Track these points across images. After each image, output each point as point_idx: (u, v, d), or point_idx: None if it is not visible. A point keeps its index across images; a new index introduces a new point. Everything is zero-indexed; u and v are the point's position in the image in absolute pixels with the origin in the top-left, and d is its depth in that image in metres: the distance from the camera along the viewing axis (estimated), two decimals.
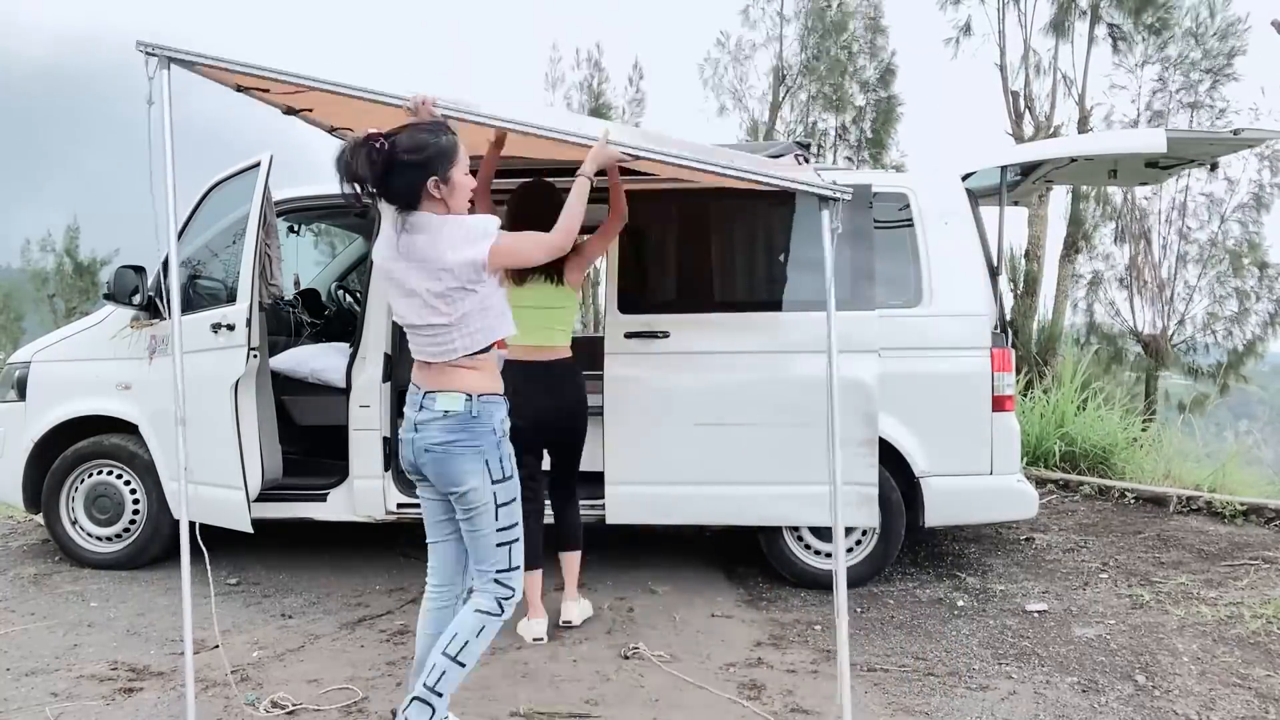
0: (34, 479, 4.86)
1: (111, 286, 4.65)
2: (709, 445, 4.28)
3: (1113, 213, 11.58)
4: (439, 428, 2.64)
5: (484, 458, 2.67)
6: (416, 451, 2.69)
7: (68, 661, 3.66)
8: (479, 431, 2.66)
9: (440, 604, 2.88)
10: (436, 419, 2.65)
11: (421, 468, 2.71)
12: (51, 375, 4.87)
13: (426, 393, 2.68)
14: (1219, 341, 11.34)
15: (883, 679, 3.48)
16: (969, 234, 4.47)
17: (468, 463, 2.65)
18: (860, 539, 4.52)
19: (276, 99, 3.54)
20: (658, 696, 3.32)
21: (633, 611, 4.24)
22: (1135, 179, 5.44)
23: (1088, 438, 7.16)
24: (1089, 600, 4.37)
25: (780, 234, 4.60)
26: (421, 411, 2.68)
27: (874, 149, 13.40)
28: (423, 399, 2.68)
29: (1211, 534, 5.46)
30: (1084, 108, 11.71)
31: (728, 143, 4.91)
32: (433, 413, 2.65)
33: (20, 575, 4.80)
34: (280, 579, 4.70)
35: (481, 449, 2.66)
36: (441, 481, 2.69)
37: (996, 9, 12.00)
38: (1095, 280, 11.90)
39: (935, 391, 4.35)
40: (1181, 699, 3.29)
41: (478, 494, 2.66)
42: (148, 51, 2.88)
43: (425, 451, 2.66)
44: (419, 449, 2.68)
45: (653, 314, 4.39)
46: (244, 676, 3.48)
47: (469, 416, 2.64)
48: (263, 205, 4.26)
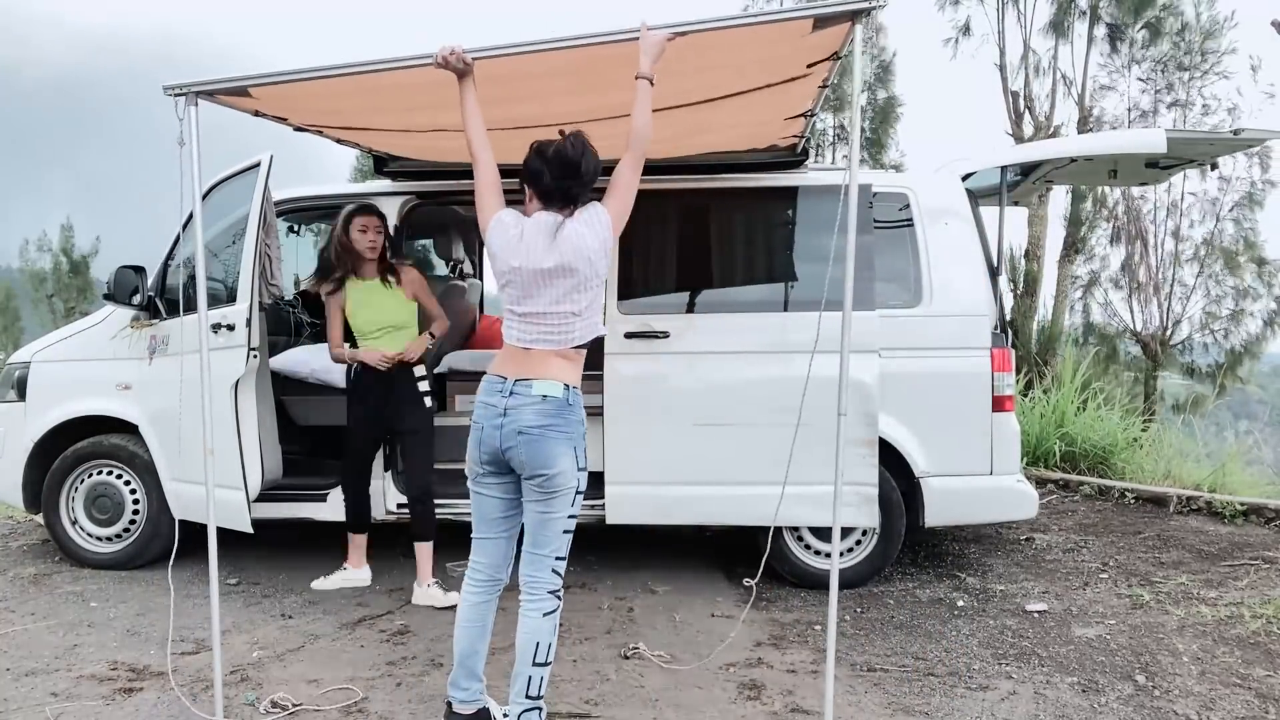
0: (34, 479, 4.86)
1: (111, 287, 4.66)
2: (709, 445, 4.28)
3: (1109, 214, 11.59)
4: (535, 412, 2.74)
5: (574, 444, 2.80)
6: (506, 435, 2.76)
7: (68, 661, 3.66)
8: (572, 420, 2.79)
9: (486, 597, 2.97)
10: (533, 403, 2.74)
11: (509, 450, 2.77)
12: (51, 375, 4.87)
13: (518, 380, 2.77)
14: (1217, 341, 11.35)
15: (883, 679, 3.48)
16: (969, 234, 4.47)
17: (561, 445, 2.76)
18: (860, 539, 4.52)
19: (293, 121, 3.62)
20: (658, 696, 3.32)
21: (633, 611, 4.24)
22: (1135, 179, 5.44)
23: (1088, 438, 7.16)
24: (1089, 600, 4.37)
25: (781, 233, 4.60)
26: (513, 397, 2.76)
27: (873, 149, 13.37)
28: (514, 385, 2.77)
29: (1211, 534, 5.46)
30: (1084, 108, 11.71)
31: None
32: (528, 398, 2.75)
33: (20, 575, 4.80)
34: (280, 579, 4.70)
35: (573, 436, 2.79)
36: (533, 464, 2.76)
37: (996, 9, 12.01)
38: (1093, 280, 11.92)
39: (935, 392, 4.35)
40: (1181, 699, 3.29)
41: (565, 477, 2.77)
42: (177, 93, 2.95)
43: (519, 434, 2.74)
44: (509, 432, 2.75)
45: (653, 314, 4.39)
46: (244, 677, 3.48)
47: (565, 404, 2.77)
48: (263, 205, 4.26)
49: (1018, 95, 11.87)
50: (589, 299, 2.81)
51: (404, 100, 3.37)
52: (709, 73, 3.32)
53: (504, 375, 2.81)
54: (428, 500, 4.38)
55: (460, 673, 2.97)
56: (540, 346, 2.79)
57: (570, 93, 3.38)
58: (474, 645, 2.95)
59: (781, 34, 2.91)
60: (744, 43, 3.02)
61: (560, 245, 2.74)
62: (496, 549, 2.96)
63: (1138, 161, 4.75)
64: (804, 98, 3.69)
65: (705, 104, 3.64)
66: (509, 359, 2.83)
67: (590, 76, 3.17)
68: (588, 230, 2.75)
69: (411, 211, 4.78)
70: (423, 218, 4.82)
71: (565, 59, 2.89)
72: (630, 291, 4.45)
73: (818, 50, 3.09)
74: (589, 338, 2.84)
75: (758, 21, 2.83)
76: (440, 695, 3.30)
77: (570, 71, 3.09)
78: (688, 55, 2.94)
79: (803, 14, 2.81)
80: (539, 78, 3.14)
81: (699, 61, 3.18)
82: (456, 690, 2.98)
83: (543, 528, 2.83)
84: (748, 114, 3.84)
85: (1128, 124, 11.45)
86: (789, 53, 3.12)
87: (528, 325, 2.81)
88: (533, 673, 2.79)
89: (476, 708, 2.99)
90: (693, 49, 2.91)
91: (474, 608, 2.96)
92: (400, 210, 4.70)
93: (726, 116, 3.85)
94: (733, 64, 3.25)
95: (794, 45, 3.02)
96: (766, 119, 3.93)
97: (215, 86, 2.99)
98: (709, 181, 4.52)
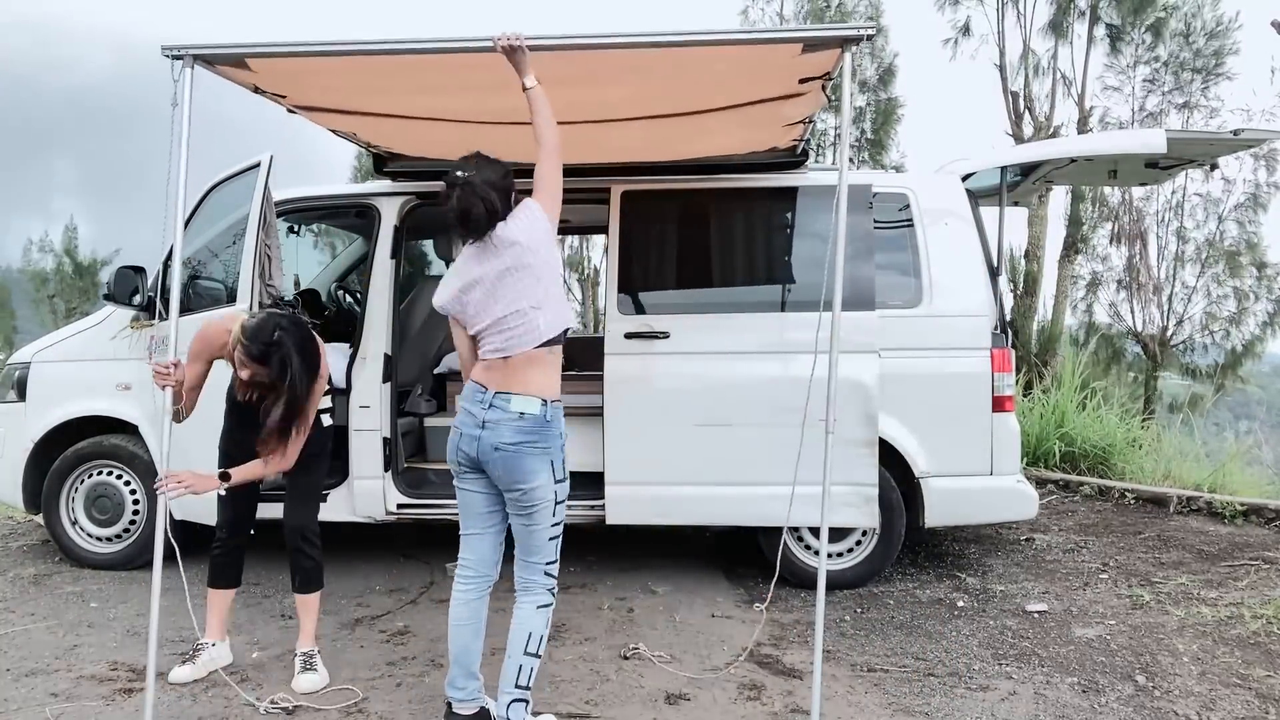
0: (34, 479, 4.86)
1: (111, 287, 4.65)
2: (709, 446, 4.28)
3: (1109, 214, 11.58)
4: (512, 429, 2.76)
5: (551, 458, 2.81)
6: (484, 448, 2.78)
7: (68, 662, 3.66)
8: (550, 434, 2.80)
9: (477, 594, 2.98)
10: (511, 420, 2.76)
11: (486, 464, 2.79)
12: (52, 376, 4.86)
13: (498, 392, 2.78)
14: (1217, 342, 11.34)
15: (883, 679, 3.48)
16: (969, 234, 4.47)
17: (537, 461, 2.78)
18: (860, 539, 4.52)
19: (291, 101, 3.58)
20: (657, 697, 3.32)
21: (633, 611, 4.24)
22: (1135, 179, 5.44)
23: (1087, 438, 7.16)
24: (1089, 601, 4.37)
25: (780, 234, 4.60)
26: (492, 410, 2.77)
27: (874, 150, 13.37)
28: (493, 397, 2.78)
29: (1211, 534, 5.46)
30: (1083, 108, 11.71)
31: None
32: (506, 413, 2.76)
33: (20, 576, 4.80)
34: (280, 579, 4.69)
35: (550, 450, 2.81)
36: (509, 479, 2.79)
37: (996, 10, 12.00)
38: (1094, 281, 11.92)
39: (935, 392, 4.35)
40: (1182, 699, 3.29)
41: (542, 491, 2.80)
42: (174, 55, 2.95)
43: (495, 450, 2.76)
44: (486, 446, 2.77)
45: (653, 314, 4.39)
46: (244, 677, 3.48)
47: (543, 420, 2.78)
48: (263, 205, 4.26)
49: (1018, 96, 11.86)
50: (544, 290, 2.79)
51: (408, 81, 3.34)
52: (705, 84, 3.35)
53: (485, 385, 2.82)
54: (309, 544, 3.52)
55: (458, 672, 2.97)
56: (514, 352, 2.78)
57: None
58: (469, 643, 2.96)
59: (772, 53, 2.97)
60: (737, 59, 3.04)
61: (502, 249, 2.77)
62: (484, 544, 2.97)
63: (1138, 162, 4.76)
64: (799, 111, 3.71)
65: (704, 114, 3.66)
66: (489, 368, 2.84)
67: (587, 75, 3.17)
68: (523, 224, 2.78)
69: (411, 212, 4.78)
70: (423, 218, 4.82)
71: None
72: (630, 291, 4.45)
73: (811, 69, 3.13)
74: (557, 330, 2.83)
75: (750, 40, 2.88)
76: (440, 695, 3.30)
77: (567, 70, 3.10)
78: (684, 66, 2.97)
79: (793, 37, 2.88)
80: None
81: (695, 74, 3.20)
82: (455, 690, 2.98)
83: (529, 539, 2.87)
84: (745, 122, 3.86)
85: (1134, 126, 11.45)
86: (781, 72, 3.16)
87: (494, 335, 2.81)
88: (524, 662, 2.82)
89: (477, 707, 2.99)
90: (690, 61, 2.93)
91: (466, 605, 2.97)
92: (400, 210, 4.69)
93: (723, 125, 3.87)
94: (728, 77, 3.27)
95: (785, 66, 3.07)
96: (764, 124, 3.94)
97: (214, 53, 2.97)
98: (709, 182, 4.52)
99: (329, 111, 3.94)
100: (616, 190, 4.47)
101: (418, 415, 5.44)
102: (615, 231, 4.45)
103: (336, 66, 3.13)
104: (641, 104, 3.66)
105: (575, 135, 3.91)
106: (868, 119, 13.35)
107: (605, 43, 2.84)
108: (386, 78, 3.31)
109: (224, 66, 3.09)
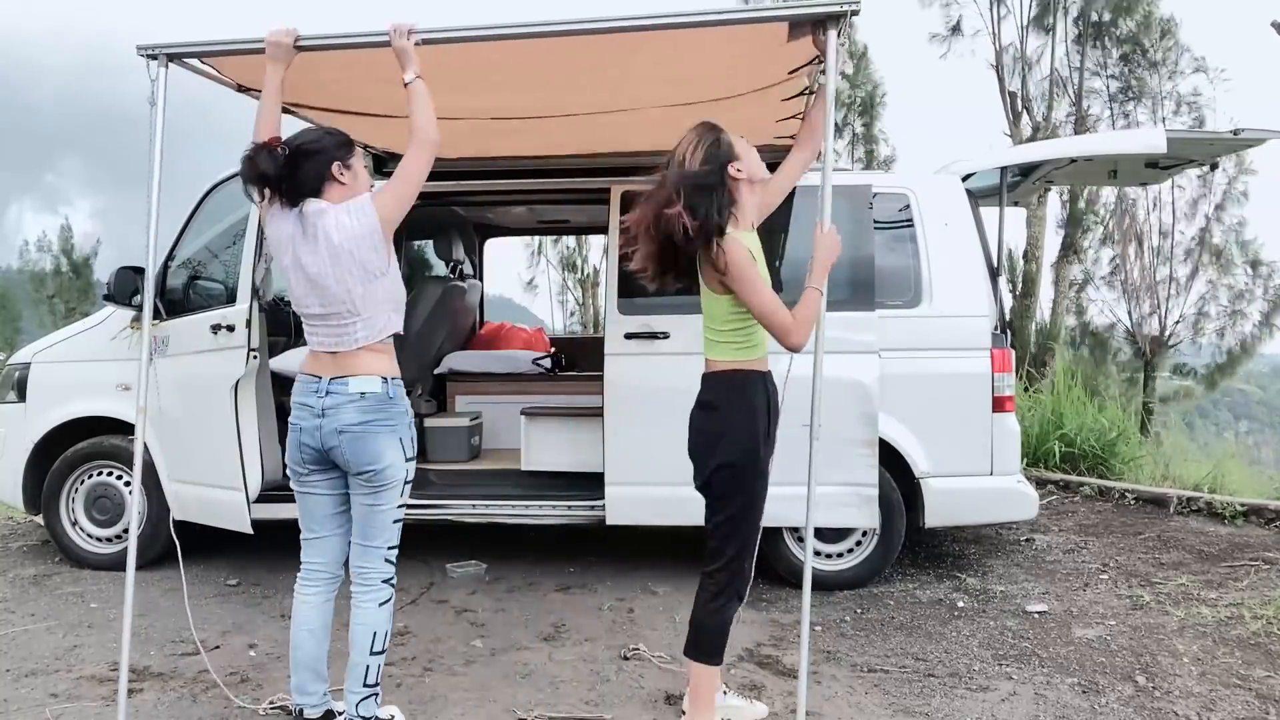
0: (34, 480, 4.86)
1: (111, 287, 4.65)
2: None
3: (1108, 214, 11.58)
4: (355, 409, 2.72)
5: (399, 435, 2.78)
6: (327, 435, 2.73)
7: (68, 662, 3.66)
8: (395, 411, 2.77)
9: (325, 598, 2.95)
10: (351, 400, 2.72)
11: (332, 450, 2.75)
12: (52, 376, 4.86)
13: (333, 378, 2.74)
14: (1213, 341, 11.35)
15: (883, 679, 3.48)
16: (969, 235, 4.47)
17: (385, 439, 2.75)
18: (860, 540, 4.52)
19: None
20: (657, 697, 3.32)
21: (633, 612, 4.23)
22: (1135, 179, 5.45)
23: (1087, 438, 7.16)
24: (1089, 601, 4.37)
25: (780, 232, 4.60)
26: (329, 396, 2.73)
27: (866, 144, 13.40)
28: (329, 384, 2.74)
29: (1211, 535, 5.46)
30: (1081, 107, 11.71)
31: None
32: (345, 395, 2.72)
33: (20, 576, 4.80)
34: (280, 579, 4.69)
35: (397, 428, 2.78)
36: (359, 461, 2.74)
37: (990, 8, 11.99)
38: (1089, 281, 11.91)
39: (935, 392, 4.35)
40: (1182, 700, 3.29)
41: (393, 470, 2.77)
42: (149, 55, 2.93)
43: (339, 433, 2.72)
44: (329, 431, 2.73)
45: (653, 314, 4.39)
46: (244, 677, 3.48)
47: (386, 397, 2.75)
48: None
49: (1015, 95, 11.86)
50: (369, 290, 2.72)
51: (380, 73, 3.29)
52: (694, 74, 3.32)
53: (318, 375, 2.77)
54: None
55: (307, 676, 2.90)
56: (342, 349, 2.74)
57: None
58: (319, 645, 2.91)
59: (757, 34, 2.90)
60: (723, 43, 3.00)
61: (322, 240, 2.68)
62: (332, 546, 2.92)
63: (1138, 162, 4.76)
64: (790, 106, 3.70)
65: (694, 105, 3.64)
66: (318, 359, 2.79)
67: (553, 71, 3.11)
68: (349, 219, 2.69)
69: (411, 212, 4.78)
70: (422, 218, 4.81)
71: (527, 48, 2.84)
72: (630, 292, 4.44)
73: (799, 56, 3.10)
74: (388, 333, 2.79)
75: (734, 20, 2.82)
76: (441, 696, 3.31)
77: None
78: (673, 54, 2.92)
79: (776, 15, 2.82)
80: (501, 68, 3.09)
81: (682, 63, 3.16)
82: (304, 696, 2.91)
83: (371, 519, 2.81)
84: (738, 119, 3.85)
85: (1111, 120, 11.47)
86: (769, 59, 3.12)
87: (318, 328, 2.77)
88: (370, 661, 2.79)
89: (325, 709, 2.94)
90: (675, 47, 2.88)
91: (315, 609, 2.91)
92: None
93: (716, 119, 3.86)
94: (715, 66, 3.24)
95: (772, 52, 3.02)
96: (757, 119, 3.92)
97: (184, 51, 2.94)
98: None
99: (315, 109, 3.92)
100: (616, 190, 4.46)
101: (417, 415, 5.44)
102: (615, 231, 4.45)
103: (310, 63, 3.08)
104: (631, 95, 3.60)
105: (564, 128, 3.89)
106: (855, 114, 13.36)
107: (574, 29, 2.75)
108: (360, 69, 3.25)
109: (204, 65, 3.06)
